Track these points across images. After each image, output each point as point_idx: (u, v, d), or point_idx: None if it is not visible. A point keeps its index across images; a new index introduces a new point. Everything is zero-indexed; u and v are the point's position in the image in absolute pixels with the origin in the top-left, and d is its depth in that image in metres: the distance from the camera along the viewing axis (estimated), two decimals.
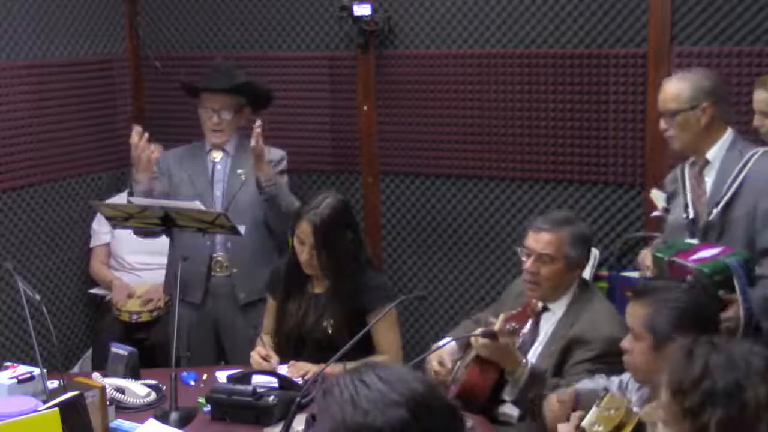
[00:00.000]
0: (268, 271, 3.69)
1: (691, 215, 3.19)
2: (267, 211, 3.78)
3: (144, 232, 3.80)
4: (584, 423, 2.38)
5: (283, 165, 3.98)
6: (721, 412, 1.69)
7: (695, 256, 2.90)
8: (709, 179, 3.20)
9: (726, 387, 1.71)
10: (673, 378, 1.80)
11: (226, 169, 3.91)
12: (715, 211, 3.09)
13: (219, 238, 3.83)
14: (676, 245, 3.09)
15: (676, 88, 3.20)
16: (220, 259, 3.87)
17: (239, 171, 3.81)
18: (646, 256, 3.30)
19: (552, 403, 2.66)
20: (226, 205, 3.73)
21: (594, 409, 2.40)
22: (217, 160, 3.92)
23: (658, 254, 3.05)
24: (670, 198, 3.37)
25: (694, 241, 3.10)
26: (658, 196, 3.98)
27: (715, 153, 3.19)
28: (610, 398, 2.43)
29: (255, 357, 3.28)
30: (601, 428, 2.33)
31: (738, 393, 1.70)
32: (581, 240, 3.09)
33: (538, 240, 3.08)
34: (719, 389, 1.71)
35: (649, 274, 3.17)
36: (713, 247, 2.96)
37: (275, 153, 3.95)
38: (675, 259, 2.94)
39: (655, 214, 3.92)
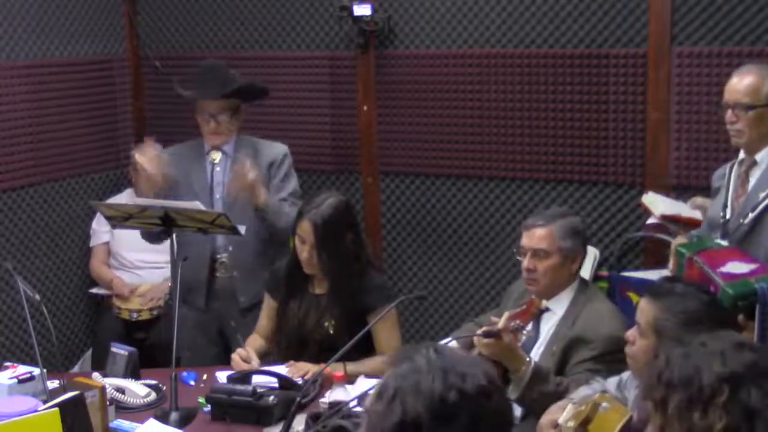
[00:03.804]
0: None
1: (728, 216, 3.10)
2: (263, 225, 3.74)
3: (148, 235, 3.79)
4: (560, 420, 2.45)
5: (287, 164, 3.91)
6: (679, 396, 1.75)
7: (725, 269, 2.72)
8: (753, 180, 3.10)
9: (682, 373, 1.76)
10: (644, 381, 1.88)
11: (225, 170, 3.87)
12: (750, 215, 3.00)
13: (220, 241, 3.81)
14: (703, 243, 2.99)
15: (754, 82, 3.03)
16: (224, 260, 3.86)
17: None
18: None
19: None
20: (227, 208, 3.70)
21: (569, 406, 2.47)
22: (216, 161, 3.89)
23: (682, 249, 2.95)
24: (715, 193, 3.29)
25: (724, 243, 3.00)
26: (652, 201, 3.93)
27: (764, 155, 3.07)
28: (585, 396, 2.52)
29: (235, 358, 3.27)
30: (572, 423, 2.40)
31: (694, 376, 1.75)
32: (574, 232, 3.09)
33: (532, 237, 3.09)
34: (676, 378, 1.77)
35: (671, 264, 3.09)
36: (745, 261, 2.77)
37: (277, 149, 3.91)
38: (697, 258, 2.81)
39: (651, 221, 3.88)
